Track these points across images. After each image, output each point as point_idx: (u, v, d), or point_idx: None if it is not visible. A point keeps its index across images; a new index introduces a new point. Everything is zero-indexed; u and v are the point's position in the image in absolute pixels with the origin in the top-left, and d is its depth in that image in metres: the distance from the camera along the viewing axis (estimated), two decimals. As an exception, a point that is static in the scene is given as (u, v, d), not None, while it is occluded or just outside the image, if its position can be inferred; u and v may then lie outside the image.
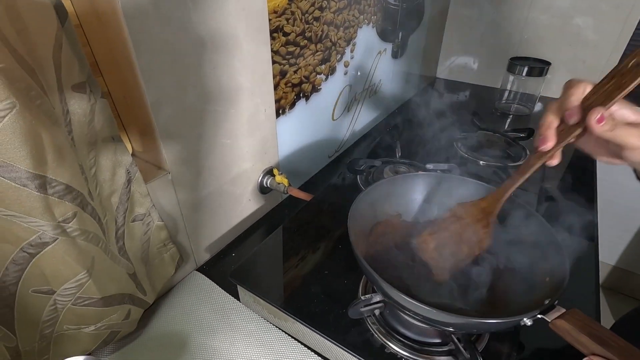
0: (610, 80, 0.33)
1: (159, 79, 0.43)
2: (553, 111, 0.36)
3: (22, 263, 0.34)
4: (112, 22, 0.38)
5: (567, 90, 0.35)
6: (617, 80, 0.32)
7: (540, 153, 0.37)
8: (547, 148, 0.36)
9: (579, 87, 0.35)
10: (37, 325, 0.39)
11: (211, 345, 0.47)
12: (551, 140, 0.35)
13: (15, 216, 0.31)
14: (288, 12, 0.58)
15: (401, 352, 0.41)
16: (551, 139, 0.35)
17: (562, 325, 0.31)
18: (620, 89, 0.31)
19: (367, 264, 0.36)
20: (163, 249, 0.50)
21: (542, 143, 0.36)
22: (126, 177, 0.42)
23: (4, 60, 0.26)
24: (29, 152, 0.29)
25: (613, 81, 0.32)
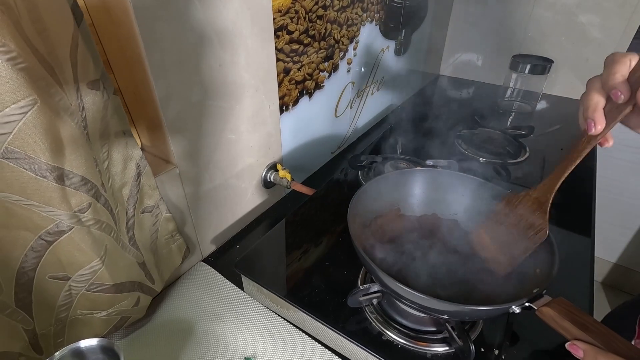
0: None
1: (167, 76, 0.45)
2: (597, 90, 0.33)
3: (40, 250, 0.37)
4: (123, 21, 0.40)
5: (611, 66, 0.32)
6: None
7: (589, 137, 0.34)
8: (597, 132, 0.33)
9: (624, 61, 0.31)
10: (52, 310, 0.41)
11: (216, 332, 0.49)
12: (600, 122, 0.33)
13: (35, 205, 0.33)
14: (292, 11, 0.59)
15: (398, 339, 0.43)
16: (600, 121, 0.33)
17: (547, 312, 0.33)
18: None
19: (365, 255, 0.37)
20: (170, 240, 0.52)
21: (591, 127, 0.33)
22: (136, 170, 0.44)
23: (27, 59, 0.27)
24: (49, 145, 0.31)
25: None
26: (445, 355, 0.41)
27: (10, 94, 0.27)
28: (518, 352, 0.43)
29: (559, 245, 0.54)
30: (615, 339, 0.30)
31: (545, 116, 1.09)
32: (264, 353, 0.46)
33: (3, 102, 0.28)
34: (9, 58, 0.26)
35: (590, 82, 0.34)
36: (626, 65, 0.31)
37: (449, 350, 0.41)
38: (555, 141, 0.93)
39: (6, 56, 0.26)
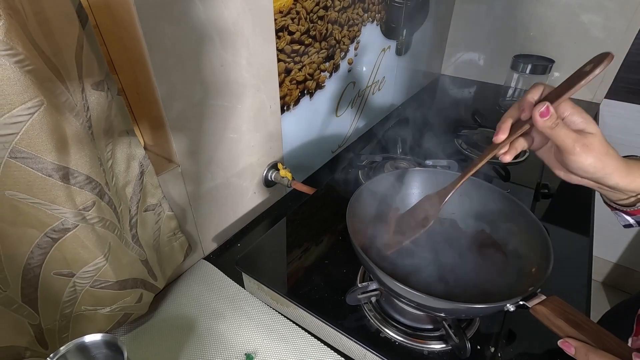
0: (565, 83, 0.35)
1: (170, 76, 0.45)
2: (513, 109, 0.39)
3: (45, 247, 0.37)
4: (127, 22, 0.41)
5: (528, 91, 0.38)
6: (570, 81, 0.34)
7: (494, 145, 0.39)
8: (498, 140, 0.38)
9: (539, 88, 0.37)
10: (58, 305, 0.42)
11: (217, 329, 0.49)
12: (503, 133, 0.38)
13: (41, 204, 0.34)
14: (293, 12, 0.60)
15: (395, 336, 0.43)
16: (504, 131, 0.38)
17: (540, 310, 0.34)
18: (569, 87, 0.33)
19: (363, 253, 0.38)
20: (173, 238, 0.53)
21: (495, 135, 0.39)
22: (139, 169, 0.45)
23: (33, 62, 0.28)
24: (55, 145, 0.32)
25: (567, 82, 0.34)
26: (441, 353, 0.42)
27: (18, 96, 0.28)
28: (514, 349, 0.43)
29: (558, 245, 0.55)
30: (606, 336, 0.31)
31: (546, 116, 1.09)
32: (264, 349, 0.47)
33: (11, 103, 0.28)
34: (17, 61, 0.27)
35: (513, 105, 0.39)
36: (539, 92, 0.37)
37: (446, 348, 0.42)
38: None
39: (14, 59, 0.27)
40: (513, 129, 0.38)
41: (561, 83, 0.35)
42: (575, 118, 0.35)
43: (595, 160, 0.35)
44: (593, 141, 0.35)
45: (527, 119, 0.37)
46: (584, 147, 0.34)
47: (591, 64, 0.33)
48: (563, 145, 0.35)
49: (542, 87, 0.37)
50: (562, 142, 0.35)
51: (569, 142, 0.34)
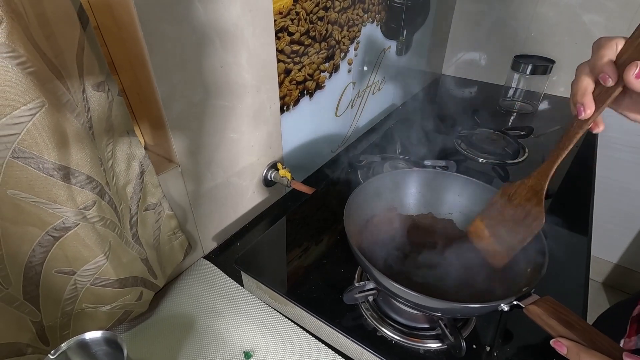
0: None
1: (170, 77, 0.46)
2: (586, 74, 0.33)
3: (47, 245, 0.38)
4: (127, 23, 0.41)
5: (598, 50, 0.32)
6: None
7: (580, 122, 0.34)
8: (587, 116, 0.33)
9: (610, 44, 0.31)
10: (59, 303, 0.42)
11: (216, 327, 0.50)
12: (590, 106, 0.32)
13: (42, 203, 0.35)
14: (293, 13, 0.60)
15: (392, 335, 0.44)
16: (590, 105, 0.32)
17: (534, 310, 0.34)
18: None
19: (359, 253, 0.39)
20: (173, 237, 0.54)
21: (581, 111, 0.33)
22: (139, 169, 0.46)
23: (35, 64, 0.29)
24: (56, 145, 0.32)
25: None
26: (437, 352, 0.42)
27: (20, 97, 0.29)
28: (510, 349, 0.44)
29: (556, 245, 0.55)
30: (598, 336, 0.31)
31: (546, 117, 1.09)
32: (263, 347, 0.47)
33: (13, 104, 0.29)
34: (19, 63, 0.28)
35: (579, 68, 0.34)
36: (612, 49, 0.31)
37: (442, 347, 0.43)
38: (555, 142, 0.93)
39: (16, 61, 0.27)
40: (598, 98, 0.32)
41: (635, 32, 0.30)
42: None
43: None
44: None
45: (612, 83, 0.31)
46: None
47: None
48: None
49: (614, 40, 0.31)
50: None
51: None
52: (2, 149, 0.31)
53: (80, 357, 0.39)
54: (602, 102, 0.32)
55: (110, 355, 0.41)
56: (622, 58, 0.31)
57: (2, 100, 0.28)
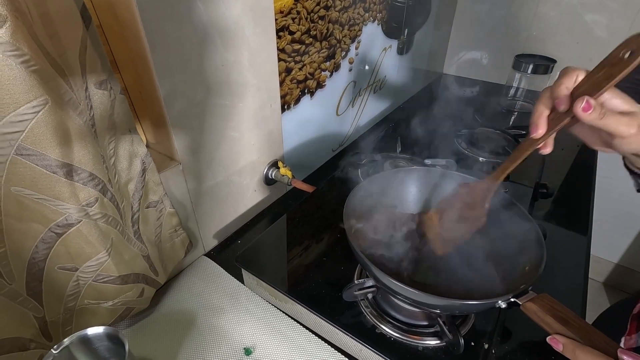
0: (601, 70, 0.33)
1: (171, 75, 0.46)
2: (545, 99, 0.36)
3: (50, 242, 0.39)
4: (129, 22, 0.42)
5: (560, 78, 0.35)
6: (607, 70, 0.32)
7: (532, 140, 0.37)
8: (538, 135, 0.36)
9: (572, 75, 0.35)
10: (61, 299, 0.43)
11: (217, 324, 0.50)
12: (542, 127, 0.36)
13: (46, 199, 0.35)
14: (294, 12, 0.60)
15: (391, 332, 0.44)
16: (542, 126, 0.36)
17: (530, 307, 0.34)
18: (610, 78, 0.31)
19: (359, 250, 0.39)
20: (174, 234, 0.54)
21: (533, 130, 0.36)
22: (141, 166, 0.46)
23: (39, 62, 0.29)
24: (59, 142, 0.33)
25: (603, 71, 0.32)
26: (436, 349, 0.43)
27: (24, 95, 0.29)
28: (508, 346, 0.44)
29: (556, 244, 0.55)
30: (594, 333, 0.31)
31: (547, 116, 1.09)
32: (263, 344, 0.48)
33: (17, 102, 0.29)
34: (23, 61, 0.28)
35: (543, 91, 0.37)
36: (572, 79, 0.35)
37: (440, 344, 0.43)
38: (556, 141, 0.93)
39: (20, 59, 0.28)
40: (551, 122, 0.36)
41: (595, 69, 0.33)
42: (616, 101, 0.34)
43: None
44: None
45: (565, 110, 0.34)
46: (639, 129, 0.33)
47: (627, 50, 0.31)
48: (615, 130, 0.33)
49: (575, 72, 0.35)
50: (615, 129, 0.33)
51: (622, 127, 0.33)
52: (6, 146, 0.31)
53: (82, 352, 0.40)
54: (554, 126, 0.36)
55: (112, 351, 0.41)
56: (578, 90, 0.34)
57: (6, 98, 0.29)
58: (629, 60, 0.30)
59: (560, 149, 0.89)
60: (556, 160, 0.84)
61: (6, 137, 0.31)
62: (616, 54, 0.32)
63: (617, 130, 0.33)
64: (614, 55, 0.32)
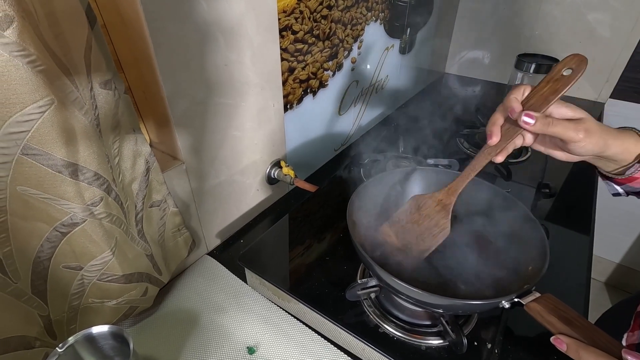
0: (546, 85, 0.37)
1: (175, 75, 0.46)
2: (499, 111, 0.40)
3: (54, 241, 0.39)
4: (134, 22, 0.42)
5: (510, 92, 0.39)
6: (552, 85, 0.36)
7: (490, 149, 0.40)
8: (492, 143, 0.39)
9: (520, 89, 0.39)
10: (66, 298, 0.43)
11: (220, 323, 0.51)
12: (496, 135, 0.39)
13: (51, 199, 0.35)
14: (297, 11, 0.60)
15: (394, 332, 0.44)
16: (496, 134, 0.39)
17: (534, 307, 0.34)
18: (556, 93, 0.36)
19: (362, 250, 0.39)
20: (177, 234, 0.54)
21: (489, 138, 0.40)
22: (145, 166, 0.46)
23: (45, 62, 0.29)
24: (64, 142, 0.33)
25: (548, 86, 0.36)
26: (439, 348, 0.43)
27: (30, 95, 0.29)
28: (511, 346, 0.44)
29: (559, 244, 0.55)
30: (597, 333, 0.32)
31: (549, 116, 1.08)
32: (266, 343, 0.48)
33: (23, 102, 0.29)
34: (29, 61, 0.28)
35: (499, 106, 0.41)
36: (520, 92, 0.39)
37: (443, 344, 0.43)
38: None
39: (26, 59, 0.28)
40: (505, 132, 0.39)
41: (540, 84, 0.37)
42: (562, 110, 0.38)
43: (597, 140, 0.37)
44: (590, 124, 0.37)
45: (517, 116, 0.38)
46: (586, 133, 0.36)
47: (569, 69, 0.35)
48: (565, 136, 0.37)
49: (522, 87, 0.39)
50: (564, 134, 0.36)
51: (570, 133, 0.36)
52: (12, 145, 0.31)
53: (87, 350, 0.40)
54: (509, 137, 0.39)
55: (117, 350, 0.42)
56: (528, 102, 0.38)
57: (13, 97, 0.29)
58: (569, 77, 0.35)
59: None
60: (558, 160, 0.84)
61: (12, 137, 0.31)
62: (557, 71, 0.36)
63: (566, 135, 0.37)
64: (556, 72, 0.36)
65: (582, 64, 0.35)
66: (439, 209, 0.45)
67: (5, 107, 0.29)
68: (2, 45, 0.27)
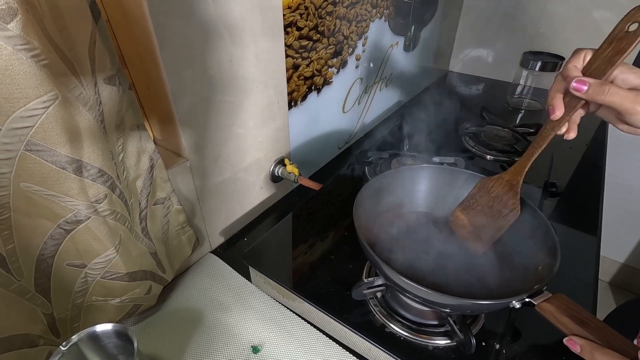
0: (609, 46, 0.33)
1: (180, 71, 0.46)
2: (558, 82, 0.37)
3: (58, 238, 0.38)
4: (138, 17, 0.41)
5: (569, 59, 0.36)
6: (616, 44, 0.32)
7: (553, 123, 0.38)
8: (556, 117, 0.37)
9: (579, 54, 0.36)
10: (69, 295, 0.43)
11: (224, 321, 0.50)
12: (559, 109, 0.36)
13: (55, 196, 0.35)
14: (302, 8, 0.60)
15: (400, 331, 0.44)
16: (559, 107, 0.36)
17: (546, 307, 0.34)
18: (621, 53, 0.32)
19: (369, 248, 0.38)
20: (181, 231, 0.54)
21: (551, 112, 0.37)
22: (149, 163, 0.46)
23: (49, 56, 0.29)
24: (68, 138, 0.32)
25: (612, 46, 0.32)
26: (446, 348, 0.42)
27: (34, 89, 0.29)
28: (519, 347, 0.44)
29: (565, 244, 0.55)
30: (612, 334, 0.31)
31: (555, 114, 1.08)
32: (270, 342, 0.47)
33: (27, 96, 0.29)
34: (33, 55, 0.28)
35: (556, 77, 0.38)
36: (580, 58, 0.36)
37: (450, 344, 0.42)
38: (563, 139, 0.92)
39: (30, 53, 0.28)
40: (567, 103, 0.36)
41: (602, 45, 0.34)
42: (627, 76, 0.34)
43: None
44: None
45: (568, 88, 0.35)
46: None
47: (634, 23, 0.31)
48: (621, 108, 0.33)
49: (583, 52, 0.35)
50: (620, 105, 0.33)
51: (628, 104, 0.33)
52: (16, 141, 0.31)
53: (91, 349, 0.39)
54: (572, 108, 0.36)
55: (121, 348, 0.41)
56: (591, 68, 0.35)
57: (17, 92, 0.29)
58: (636, 33, 0.31)
59: (569, 147, 0.88)
60: (564, 159, 0.83)
61: (16, 133, 0.30)
62: (621, 27, 0.32)
63: (622, 107, 0.33)
64: (619, 30, 0.32)
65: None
66: (507, 189, 0.44)
67: (8, 102, 0.29)
68: (5, 38, 0.26)
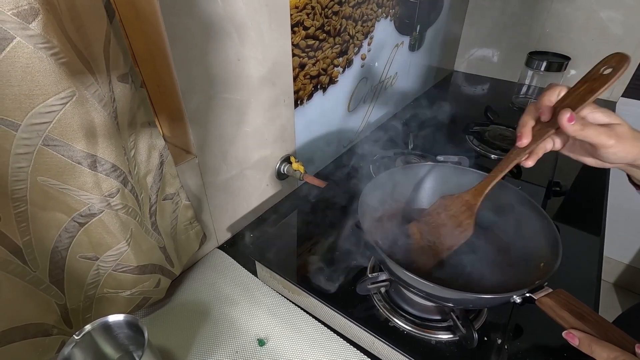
0: (582, 85, 0.36)
1: (190, 69, 0.47)
2: (530, 111, 0.39)
3: (72, 231, 0.40)
4: (150, 17, 0.42)
5: (544, 92, 0.38)
6: (589, 84, 0.35)
7: (518, 150, 0.39)
8: (522, 145, 0.38)
9: (555, 90, 0.38)
10: (82, 287, 0.44)
11: (230, 315, 0.51)
12: (526, 137, 0.38)
13: (70, 189, 0.36)
14: (308, 7, 0.60)
15: (404, 326, 0.44)
16: (527, 136, 0.38)
17: (546, 302, 0.34)
18: (592, 92, 0.34)
19: (374, 244, 0.39)
20: (189, 227, 0.55)
21: (518, 140, 0.39)
22: (159, 159, 0.47)
23: (67, 54, 0.30)
24: (84, 134, 0.33)
25: (585, 85, 0.35)
26: (449, 343, 0.43)
27: (52, 86, 0.30)
28: (521, 342, 0.44)
29: (569, 243, 0.55)
30: (610, 328, 0.32)
31: (560, 114, 1.08)
32: (276, 335, 0.48)
33: (46, 93, 0.30)
34: (53, 53, 0.29)
35: (528, 106, 0.40)
36: (555, 94, 0.38)
37: (453, 338, 0.43)
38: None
39: (50, 51, 0.29)
40: (536, 133, 0.38)
41: (577, 84, 0.36)
42: (595, 115, 0.37)
43: (630, 147, 0.36)
44: (623, 130, 0.36)
45: (547, 121, 0.37)
46: (618, 139, 0.35)
47: (609, 68, 0.34)
48: (596, 141, 0.35)
49: (558, 88, 0.38)
50: (596, 139, 0.35)
51: (603, 138, 0.35)
52: (34, 136, 0.32)
53: (103, 339, 0.41)
54: (539, 137, 0.38)
55: (131, 339, 0.42)
56: (563, 103, 0.37)
57: (36, 89, 0.30)
58: (609, 76, 0.33)
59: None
60: (569, 158, 0.84)
61: (35, 128, 0.32)
62: (596, 70, 0.35)
63: (598, 140, 0.35)
64: (594, 72, 0.35)
65: (623, 62, 0.33)
66: (464, 209, 0.45)
67: (29, 99, 0.30)
68: (27, 37, 0.27)
